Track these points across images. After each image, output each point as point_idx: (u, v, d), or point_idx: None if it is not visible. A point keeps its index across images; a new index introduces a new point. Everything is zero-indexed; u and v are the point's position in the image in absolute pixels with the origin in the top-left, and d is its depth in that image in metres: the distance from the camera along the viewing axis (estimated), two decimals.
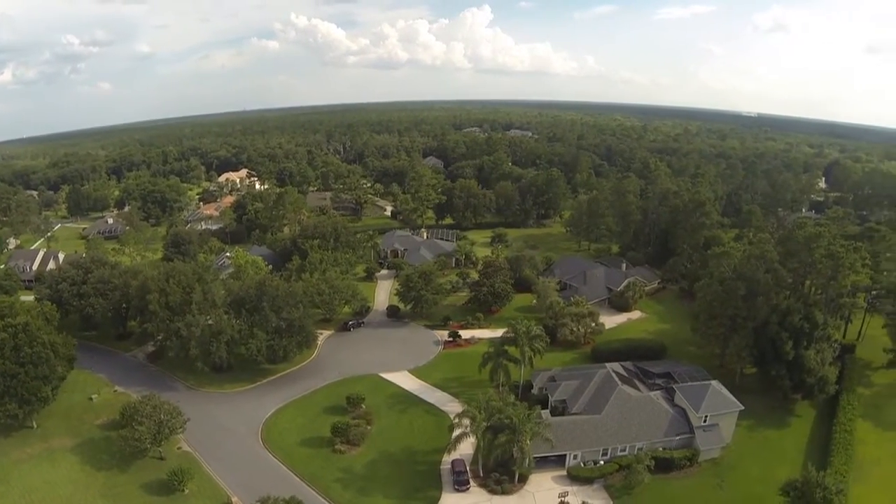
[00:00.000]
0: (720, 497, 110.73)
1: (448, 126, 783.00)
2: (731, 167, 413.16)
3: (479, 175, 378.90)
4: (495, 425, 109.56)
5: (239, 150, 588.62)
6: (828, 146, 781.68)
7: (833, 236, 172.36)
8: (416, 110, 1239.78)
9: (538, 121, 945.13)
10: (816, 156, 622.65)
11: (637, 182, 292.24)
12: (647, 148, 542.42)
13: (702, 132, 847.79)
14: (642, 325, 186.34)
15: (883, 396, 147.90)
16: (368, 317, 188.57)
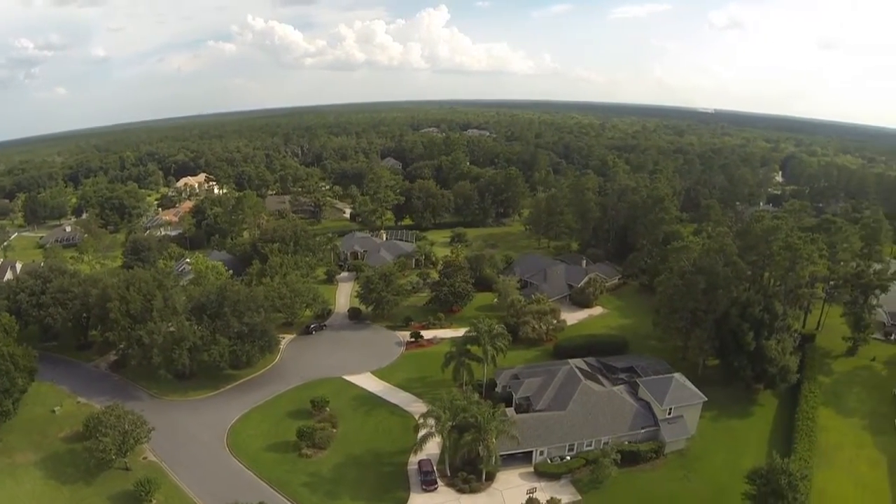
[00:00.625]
0: (687, 488, 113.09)
1: (406, 127, 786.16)
2: (689, 163, 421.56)
3: (438, 175, 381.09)
4: (460, 424, 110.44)
5: (197, 154, 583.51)
6: (784, 141, 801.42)
7: (790, 228, 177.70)
8: (374, 111, 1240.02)
9: (496, 120, 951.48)
10: (773, 150, 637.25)
11: (596, 179, 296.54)
12: (606, 145, 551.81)
13: (659, 129, 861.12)
14: (604, 320, 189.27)
15: (843, 384, 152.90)
16: (330, 320, 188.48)
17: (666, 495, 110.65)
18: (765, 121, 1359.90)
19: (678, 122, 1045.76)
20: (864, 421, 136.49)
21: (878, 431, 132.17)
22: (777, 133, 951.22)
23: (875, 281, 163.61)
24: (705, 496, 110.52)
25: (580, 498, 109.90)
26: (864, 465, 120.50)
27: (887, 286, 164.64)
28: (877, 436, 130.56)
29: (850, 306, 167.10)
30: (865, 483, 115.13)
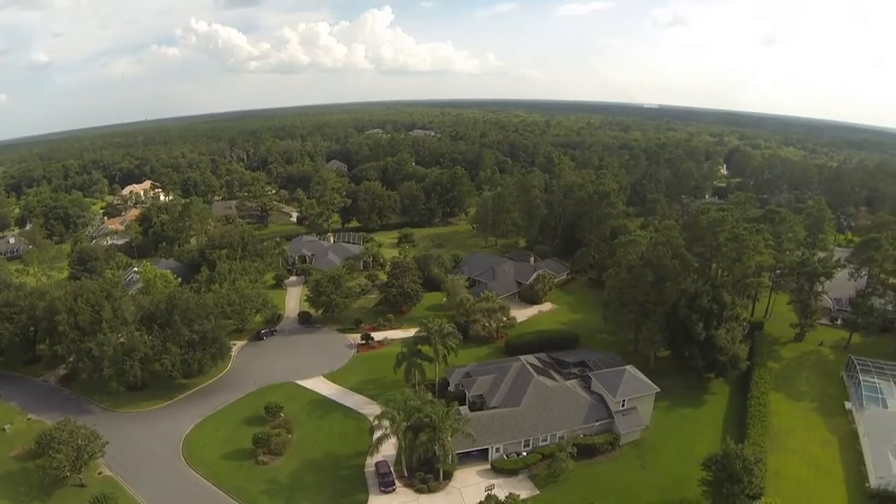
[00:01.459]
0: (644, 478, 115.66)
1: (351, 129, 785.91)
2: (635, 158, 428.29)
3: (384, 176, 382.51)
4: (415, 424, 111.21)
5: (142, 161, 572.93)
6: (728, 134, 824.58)
7: (736, 220, 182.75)
8: (319, 114, 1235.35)
9: (441, 120, 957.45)
10: (717, 144, 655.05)
11: (541, 176, 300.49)
12: (551, 142, 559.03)
13: (604, 125, 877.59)
14: (554, 316, 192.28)
15: (792, 369, 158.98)
16: (280, 324, 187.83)
17: (623, 486, 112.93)
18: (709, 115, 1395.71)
19: (623, 118, 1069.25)
20: (814, 404, 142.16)
21: (828, 413, 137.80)
22: (721, 127, 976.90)
23: (820, 268, 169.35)
24: (662, 485, 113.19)
25: (538, 492, 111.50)
26: (816, 447, 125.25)
27: (832, 273, 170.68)
28: (827, 417, 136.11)
29: (796, 294, 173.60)
30: (818, 463, 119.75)
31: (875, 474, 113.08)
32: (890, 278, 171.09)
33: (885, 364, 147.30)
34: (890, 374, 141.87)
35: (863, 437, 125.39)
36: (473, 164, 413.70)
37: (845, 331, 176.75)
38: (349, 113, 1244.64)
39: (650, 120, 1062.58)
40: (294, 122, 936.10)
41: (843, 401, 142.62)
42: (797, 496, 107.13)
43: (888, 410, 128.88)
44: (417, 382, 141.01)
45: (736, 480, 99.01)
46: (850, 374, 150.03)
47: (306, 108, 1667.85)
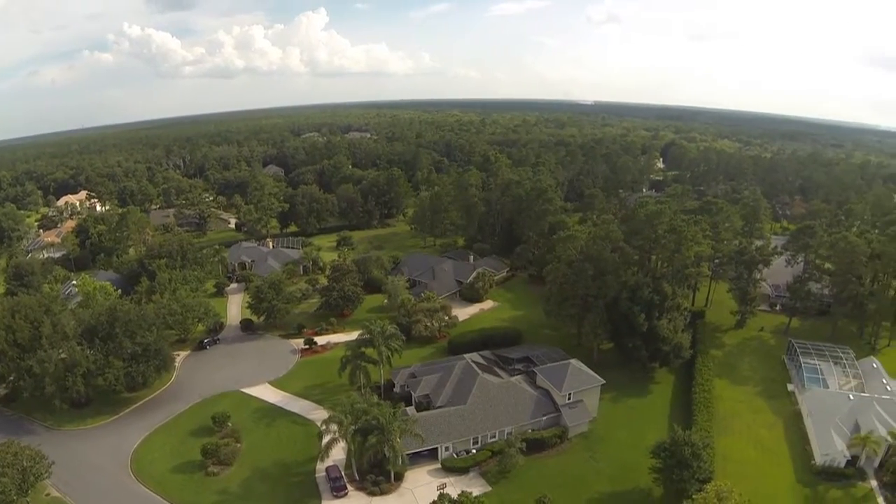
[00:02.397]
0: (594, 468, 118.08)
1: (287, 133, 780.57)
2: (571, 154, 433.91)
3: (321, 180, 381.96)
4: (363, 427, 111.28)
5: (77, 170, 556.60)
6: (663, 129, 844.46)
7: (674, 212, 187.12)
8: (255, 118, 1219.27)
9: (377, 121, 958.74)
10: (653, 138, 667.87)
11: (478, 175, 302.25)
12: (487, 141, 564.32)
13: (540, 122, 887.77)
14: (495, 313, 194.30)
15: (734, 355, 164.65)
16: (223, 333, 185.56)
17: (574, 478, 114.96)
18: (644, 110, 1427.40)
19: (559, 114, 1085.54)
20: (757, 388, 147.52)
21: (771, 396, 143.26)
22: (657, 122, 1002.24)
23: (757, 256, 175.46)
24: (613, 475, 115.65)
25: (490, 489, 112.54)
26: (762, 429, 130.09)
27: (769, 260, 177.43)
28: (771, 400, 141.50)
29: (735, 282, 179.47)
30: (765, 445, 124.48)
31: (820, 452, 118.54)
32: (825, 263, 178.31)
33: (823, 346, 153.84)
34: (829, 355, 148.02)
35: (806, 417, 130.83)
36: (410, 164, 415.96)
37: (784, 316, 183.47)
38: (285, 117, 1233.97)
39: (586, 116, 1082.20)
40: (230, 128, 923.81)
41: (785, 383, 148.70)
42: (746, 477, 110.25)
43: (829, 390, 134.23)
44: (363, 385, 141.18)
45: (685, 466, 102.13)
46: (790, 357, 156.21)
47: (242, 112, 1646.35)
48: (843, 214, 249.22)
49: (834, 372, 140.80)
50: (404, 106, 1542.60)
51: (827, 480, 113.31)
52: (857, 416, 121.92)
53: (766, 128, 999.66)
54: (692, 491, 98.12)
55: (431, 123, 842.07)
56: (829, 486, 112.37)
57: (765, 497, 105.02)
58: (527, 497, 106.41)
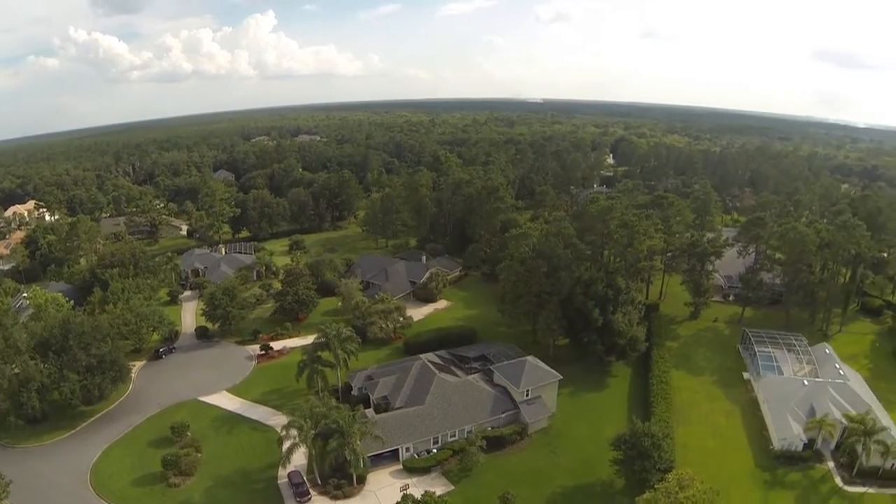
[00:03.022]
0: (556, 463, 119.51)
1: (237, 137, 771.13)
2: (522, 152, 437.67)
3: (271, 184, 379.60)
4: (324, 431, 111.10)
5: (24, 180, 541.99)
6: (613, 125, 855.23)
7: (625, 207, 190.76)
8: (204, 123, 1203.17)
9: (326, 124, 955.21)
10: (603, 135, 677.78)
11: (429, 175, 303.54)
12: (437, 141, 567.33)
13: (490, 121, 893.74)
14: (450, 313, 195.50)
15: (689, 346, 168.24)
16: (178, 341, 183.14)
17: (536, 473, 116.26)
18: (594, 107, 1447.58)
19: (508, 113, 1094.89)
20: (714, 377, 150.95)
21: (728, 385, 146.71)
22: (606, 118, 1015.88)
23: (709, 248, 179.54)
24: (574, 469, 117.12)
25: (453, 488, 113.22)
26: (720, 417, 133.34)
27: (721, 252, 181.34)
28: (727, 388, 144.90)
29: (688, 274, 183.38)
30: (723, 433, 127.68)
31: (777, 437, 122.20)
32: (776, 254, 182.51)
33: (777, 334, 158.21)
34: (783, 342, 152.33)
35: (763, 404, 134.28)
36: (360, 166, 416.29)
37: (738, 306, 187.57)
38: (234, 121, 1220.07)
39: (535, 114, 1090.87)
40: (179, 133, 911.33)
41: (741, 372, 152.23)
42: (706, 465, 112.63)
43: (784, 377, 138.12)
44: (321, 389, 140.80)
45: (646, 457, 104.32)
46: (745, 346, 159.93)
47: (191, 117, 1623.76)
48: (792, 205, 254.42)
49: (788, 359, 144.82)
50: (354, 108, 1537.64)
51: (785, 464, 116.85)
52: (812, 401, 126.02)
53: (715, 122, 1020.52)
54: (654, 481, 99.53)
55: (381, 125, 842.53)
56: (788, 469, 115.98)
57: (726, 483, 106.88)
58: (490, 494, 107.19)
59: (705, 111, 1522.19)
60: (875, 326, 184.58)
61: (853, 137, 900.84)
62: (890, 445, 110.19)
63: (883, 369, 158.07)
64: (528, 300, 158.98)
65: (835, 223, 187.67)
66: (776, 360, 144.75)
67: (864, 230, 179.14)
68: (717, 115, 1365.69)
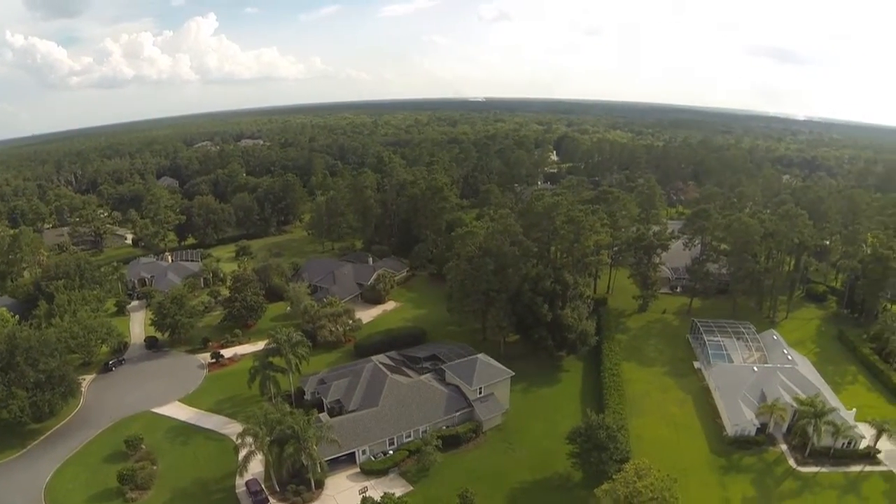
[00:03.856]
0: (513, 459, 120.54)
1: (180, 143, 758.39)
2: (465, 151, 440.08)
3: (216, 189, 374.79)
4: (279, 437, 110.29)
5: None
6: (556, 122, 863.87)
7: (571, 203, 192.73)
8: (147, 129, 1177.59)
9: (269, 127, 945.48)
10: (546, 132, 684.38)
11: (373, 176, 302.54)
12: (380, 142, 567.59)
13: (432, 121, 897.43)
14: (399, 314, 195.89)
15: (639, 338, 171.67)
16: (128, 353, 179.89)
17: (493, 470, 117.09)
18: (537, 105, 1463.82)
19: (451, 113, 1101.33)
20: (665, 368, 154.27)
21: (679, 374, 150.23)
22: (549, 115, 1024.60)
23: (655, 241, 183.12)
24: (531, 464, 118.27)
25: (412, 488, 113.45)
26: (673, 406, 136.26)
27: (667, 245, 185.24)
28: (679, 378, 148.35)
29: (635, 267, 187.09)
30: (677, 421, 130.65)
31: (730, 423, 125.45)
32: (721, 244, 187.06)
33: (725, 322, 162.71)
34: (731, 331, 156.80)
35: (714, 392, 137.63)
36: (304, 169, 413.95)
37: (686, 297, 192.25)
38: (177, 127, 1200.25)
39: (478, 113, 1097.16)
40: (121, 140, 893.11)
41: (691, 361, 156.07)
42: (662, 454, 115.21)
43: (734, 364, 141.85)
44: (274, 395, 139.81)
45: (602, 448, 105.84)
46: (695, 336, 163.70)
47: (133, 123, 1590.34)
48: (735, 197, 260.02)
49: (737, 347, 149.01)
50: (296, 111, 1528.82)
51: (740, 449, 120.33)
52: (763, 387, 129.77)
53: (657, 117, 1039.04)
54: (611, 472, 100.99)
55: (324, 127, 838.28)
56: (743, 454, 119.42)
57: (682, 470, 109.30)
58: (449, 492, 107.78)
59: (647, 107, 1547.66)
60: (820, 312, 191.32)
61: (793, 130, 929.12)
62: (840, 425, 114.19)
63: (829, 353, 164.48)
64: (477, 298, 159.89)
65: (778, 213, 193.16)
66: (726, 348, 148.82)
67: (807, 219, 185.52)
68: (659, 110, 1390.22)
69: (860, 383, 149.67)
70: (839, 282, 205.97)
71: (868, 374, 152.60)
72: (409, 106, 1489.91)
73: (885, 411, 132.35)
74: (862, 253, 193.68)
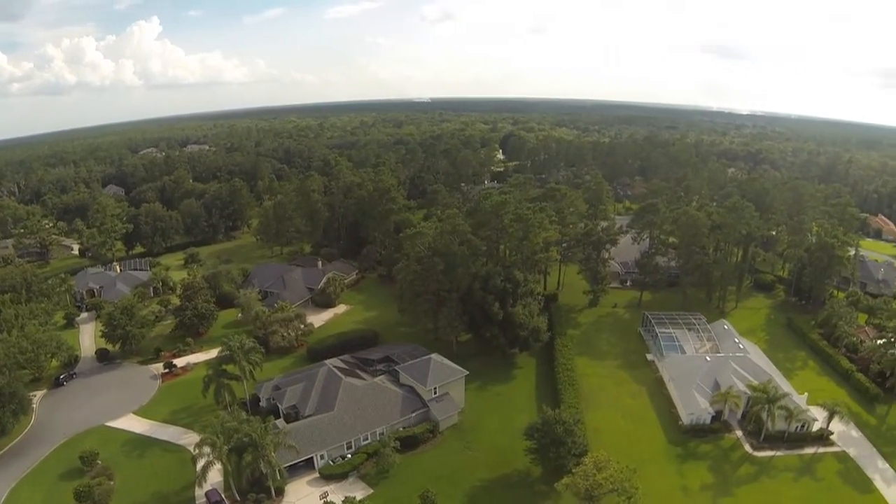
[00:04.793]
0: (471, 457, 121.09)
1: (125, 150, 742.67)
2: (411, 152, 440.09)
3: (163, 197, 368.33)
4: (237, 446, 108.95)
5: None
6: (501, 121, 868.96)
7: (518, 201, 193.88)
8: (91, 137, 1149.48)
9: (214, 132, 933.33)
10: (492, 131, 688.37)
11: (320, 180, 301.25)
12: (326, 145, 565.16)
13: (378, 123, 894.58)
14: (350, 316, 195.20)
15: (591, 333, 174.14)
16: (79, 366, 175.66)
17: (453, 469, 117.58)
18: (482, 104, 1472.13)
19: (396, 114, 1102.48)
20: (618, 361, 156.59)
21: (632, 367, 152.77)
22: (495, 114, 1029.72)
23: (604, 237, 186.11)
24: (490, 461, 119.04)
25: (372, 491, 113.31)
26: (628, 399, 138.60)
27: (616, 240, 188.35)
28: (632, 371, 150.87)
29: (584, 263, 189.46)
30: (633, 413, 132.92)
31: (686, 412, 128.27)
32: (669, 238, 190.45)
33: (676, 314, 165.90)
34: (683, 322, 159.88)
35: (668, 383, 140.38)
36: (251, 174, 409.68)
37: (636, 290, 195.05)
38: (122, 133, 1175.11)
39: (423, 114, 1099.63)
40: (65, 148, 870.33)
41: (644, 354, 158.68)
42: (620, 445, 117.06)
43: (686, 355, 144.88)
44: (229, 403, 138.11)
45: (560, 443, 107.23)
46: (646, 329, 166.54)
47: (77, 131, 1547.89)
48: (682, 191, 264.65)
49: (689, 337, 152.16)
50: (242, 115, 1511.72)
51: (696, 437, 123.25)
52: (716, 376, 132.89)
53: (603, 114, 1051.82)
54: (570, 466, 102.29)
55: (270, 131, 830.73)
56: (699, 441, 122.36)
57: (641, 461, 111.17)
58: (410, 493, 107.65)
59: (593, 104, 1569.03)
60: (768, 301, 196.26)
61: (737, 124, 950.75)
62: (793, 410, 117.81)
63: (779, 340, 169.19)
64: (427, 298, 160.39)
65: (725, 206, 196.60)
66: (678, 339, 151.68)
67: (753, 211, 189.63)
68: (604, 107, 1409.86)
69: (810, 368, 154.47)
70: (786, 271, 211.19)
71: (818, 359, 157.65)
72: (355, 108, 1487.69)
73: (836, 394, 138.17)
74: (808, 242, 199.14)
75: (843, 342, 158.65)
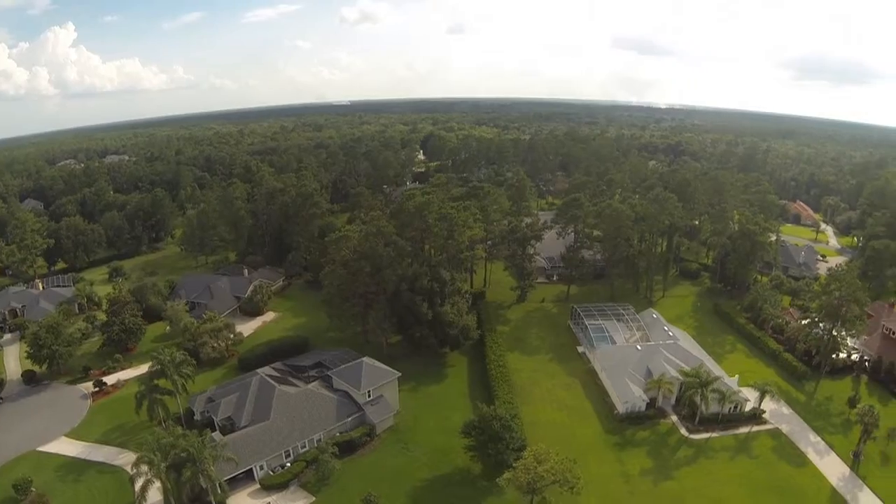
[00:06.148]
0: (410, 458, 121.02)
1: (42, 162, 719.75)
2: (332, 155, 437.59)
3: (84, 209, 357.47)
4: (175, 462, 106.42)
5: None
6: (421, 121, 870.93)
7: (442, 200, 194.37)
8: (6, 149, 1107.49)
9: (134, 142, 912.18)
10: (412, 132, 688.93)
11: (243, 187, 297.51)
12: (247, 151, 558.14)
13: (298, 127, 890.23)
14: (279, 324, 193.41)
15: (521, 328, 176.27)
16: (5, 390, 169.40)
17: (393, 471, 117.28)
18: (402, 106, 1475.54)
19: (315, 117, 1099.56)
20: (549, 355, 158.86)
21: (564, 360, 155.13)
22: (414, 115, 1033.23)
23: (529, 233, 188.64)
24: (430, 461, 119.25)
25: (315, 498, 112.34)
26: (562, 391, 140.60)
27: (540, 235, 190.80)
28: (564, 364, 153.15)
29: (510, 259, 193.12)
30: (568, 405, 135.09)
31: (620, 401, 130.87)
32: (594, 231, 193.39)
33: (605, 306, 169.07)
34: (612, 313, 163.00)
35: (601, 373, 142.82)
36: (173, 183, 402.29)
37: (563, 284, 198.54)
38: (38, 145, 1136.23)
39: (343, 117, 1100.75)
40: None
41: (574, 346, 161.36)
42: (558, 437, 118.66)
43: (617, 345, 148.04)
44: (163, 418, 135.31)
45: (498, 439, 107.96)
46: (575, 322, 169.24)
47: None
48: (604, 185, 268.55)
49: (619, 328, 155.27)
50: (161, 123, 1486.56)
51: (632, 425, 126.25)
52: (648, 364, 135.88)
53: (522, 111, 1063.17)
54: (511, 460, 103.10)
55: (190, 139, 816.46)
56: (636, 429, 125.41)
57: (580, 451, 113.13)
58: (352, 498, 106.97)
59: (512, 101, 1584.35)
60: (694, 288, 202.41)
61: (657, 118, 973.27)
62: (725, 392, 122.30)
63: (707, 325, 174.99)
64: (355, 302, 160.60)
65: (647, 197, 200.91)
66: (607, 330, 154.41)
67: (676, 202, 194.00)
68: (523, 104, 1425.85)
69: (739, 351, 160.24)
70: (710, 258, 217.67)
71: (746, 342, 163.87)
72: (275, 113, 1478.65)
73: (765, 374, 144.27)
74: (730, 230, 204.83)
75: (769, 324, 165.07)
